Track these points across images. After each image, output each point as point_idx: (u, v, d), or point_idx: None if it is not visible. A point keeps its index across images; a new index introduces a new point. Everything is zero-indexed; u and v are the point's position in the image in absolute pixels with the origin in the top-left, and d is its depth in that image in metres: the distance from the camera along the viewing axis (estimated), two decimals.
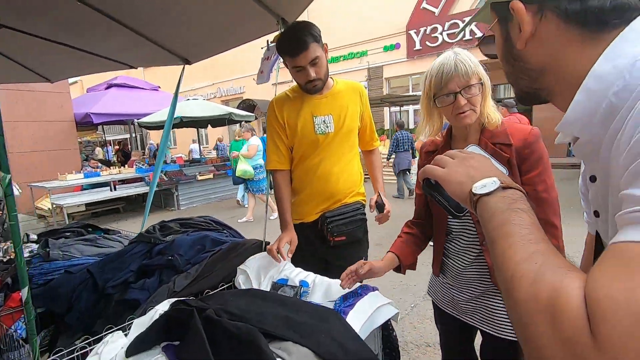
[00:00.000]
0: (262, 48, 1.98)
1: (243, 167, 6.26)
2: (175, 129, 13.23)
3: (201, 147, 13.45)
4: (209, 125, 10.33)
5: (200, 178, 8.37)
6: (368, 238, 1.78)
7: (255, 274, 1.44)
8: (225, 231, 1.84)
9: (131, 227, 5.05)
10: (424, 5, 12.46)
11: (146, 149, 12.14)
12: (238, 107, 13.26)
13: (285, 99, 1.67)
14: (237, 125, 16.95)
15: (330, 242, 1.62)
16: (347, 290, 1.24)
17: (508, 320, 1.18)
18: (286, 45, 1.47)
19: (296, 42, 1.44)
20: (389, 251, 1.33)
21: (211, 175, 8.58)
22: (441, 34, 12.15)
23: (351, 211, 1.65)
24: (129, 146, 12.93)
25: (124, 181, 8.02)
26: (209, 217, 1.90)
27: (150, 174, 7.80)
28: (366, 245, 1.77)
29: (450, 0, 12.02)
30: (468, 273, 1.24)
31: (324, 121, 1.60)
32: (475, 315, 1.25)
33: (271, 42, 1.85)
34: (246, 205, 6.99)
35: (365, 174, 1.80)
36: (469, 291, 1.25)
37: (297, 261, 1.63)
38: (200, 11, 1.80)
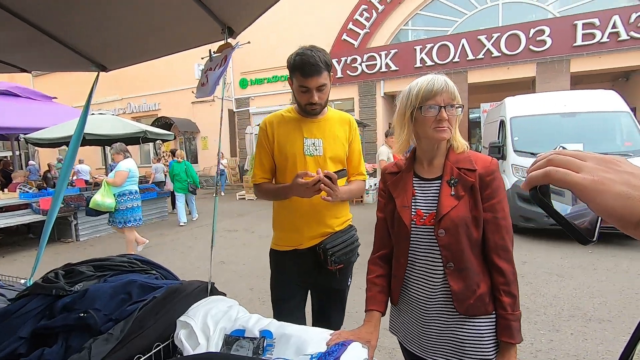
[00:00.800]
0: (202, 58, 1.75)
1: (98, 199, 4.78)
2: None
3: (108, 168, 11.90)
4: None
5: None
6: None
7: (202, 326, 1.17)
8: (154, 272, 1.50)
9: (13, 270, 4.09)
10: (345, 37, 13.29)
11: (25, 169, 10.35)
12: (153, 125, 12.20)
13: (279, 118, 1.69)
14: (151, 144, 15.62)
15: (328, 270, 1.62)
16: (324, 343, 1.05)
17: (478, 350, 1.14)
18: (301, 64, 1.49)
19: (311, 65, 1.47)
20: (372, 309, 1.24)
21: None
22: (360, 64, 13.02)
23: (349, 238, 1.67)
24: (12, 166, 10.81)
25: (2, 208, 6.55)
26: (133, 256, 1.53)
27: (41, 200, 6.53)
28: (353, 264, 1.79)
29: (367, 35, 13.03)
30: (433, 303, 1.18)
31: (313, 143, 1.63)
32: (445, 352, 1.18)
33: (214, 52, 1.64)
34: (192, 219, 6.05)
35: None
36: (436, 325, 1.19)
37: (280, 288, 1.70)
38: (126, 6, 1.51)
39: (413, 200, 1.20)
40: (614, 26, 9.90)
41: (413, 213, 1.19)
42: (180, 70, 15.19)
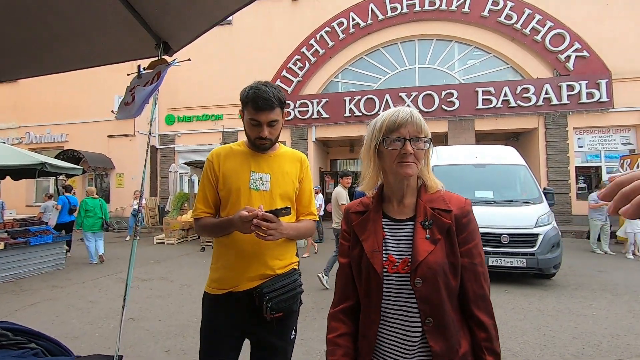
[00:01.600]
0: (128, 74, 1.49)
1: None
2: None
3: None
4: (9, 177, 7.75)
5: None
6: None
7: None
8: (33, 344, 1.09)
9: None
10: (278, 83, 13.66)
11: None
12: (57, 158, 10.69)
13: (227, 150, 1.62)
14: (52, 179, 13.56)
15: (265, 318, 1.45)
16: None
17: None
18: (254, 97, 1.45)
19: (264, 100, 1.43)
20: None
21: (1, 245, 6.17)
22: (293, 110, 13.38)
23: (290, 283, 1.53)
24: None
25: None
26: (2, 323, 1.10)
27: None
28: (297, 314, 1.62)
29: (300, 83, 13.60)
30: None
31: (260, 178, 1.56)
32: None
33: (144, 69, 1.41)
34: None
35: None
36: None
37: (212, 337, 1.53)
38: (33, 6, 1.22)
39: (384, 244, 1.05)
40: (505, 95, 11.82)
41: (384, 259, 1.04)
42: (97, 100, 13.91)
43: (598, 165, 11.81)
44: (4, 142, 8.15)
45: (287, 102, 13.36)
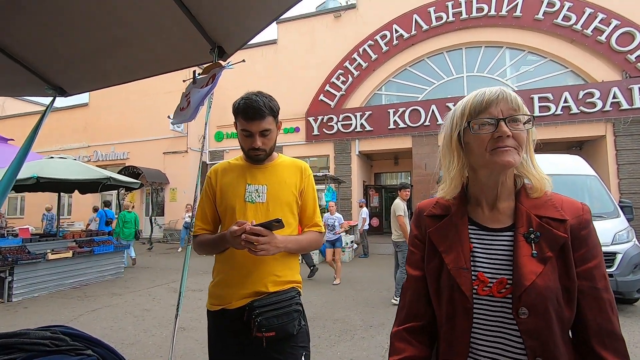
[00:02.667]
0: (183, 81, 1.51)
1: None
2: (25, 192, 10.71)
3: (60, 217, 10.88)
4: (77, 190, 8.48)
5: (52, 257, 6.41)
6: (308, 329, 1.47)
7: None
8: (89, 351, 1.07)
9: None
10: (321, 97, 13.83)
11: None
12: (119, 174, 11.58)
13: (225, 166, 1.60)
14: (114, 193, 14.70)
15: (257, 338, 1.33)
16: None
17: None
18: (244, 107, 1.42)
19: (254, 109, 1.40)
20: None
21: (69, 254, 6.69)
22: (336, 123, 13.41)
23: (285, 300, 1.41)
24: None
25: None
26: (61, 327, 1.10)
27: None
28: (304, 338, 1.45)
29: (343, 97, 13.64)
30: None
31: (256, 190, 1.50)
32: None
33: (199, 74, 1.41)
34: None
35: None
36: None
37: (214, 355, 1.46)
38: (94, 17, 1.27)
39: (472, 259, 0.85)
40: (565, 101, 10.93)
41: (474, 278, 0.83)
42: (153, 121, 15.02)
43: None
44: (75, 160, 8.96)
45: (330, 116, 13.49)
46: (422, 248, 0.96)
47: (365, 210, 10.27)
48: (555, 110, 11.00)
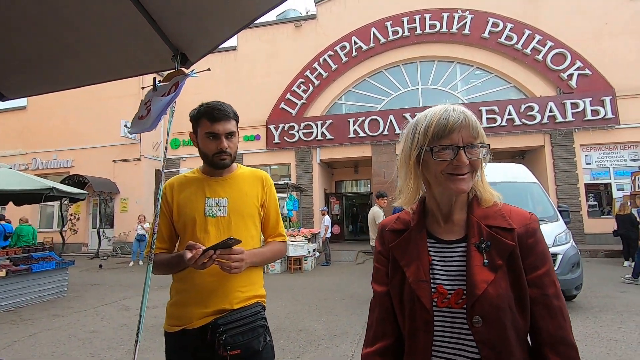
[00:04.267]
0: (142, 88, 1.42)
1: None
2: None
3: None
4: (11, 202, 7.70)
5: None
6: (272, 343, 1.44)
7: None
8: None
9: None
10: (282, 106, 13.82)
11: None
12: (62, 183, 10.70)
13: (181, 179, 1.53)
14: (57, 204, 13.52)
15: (222, 357, 1.28)
16: None
17: None
18: (209, 109, 1.39)
19: (220, 110, 1.39)
20: None
21: (3, 273, 6.01)
22: (297, 131, 13.44)
23: (250, 316, 1.37)
24: None
25: None
26: None
27: None
28: (269, 354, 1.41)
29: (304, 105, 13.73)
30: None
31: (217, 203, 1.45)
32: None
33: (159, 82, 1.34)
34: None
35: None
36: None
37: None
38: (40, 18, 1.16)
39: (431, 272, 0.87)
40: (509, 113, 11.83)
41: (433, 290, 0.85)
42: (103, 126, 14.10)
43: (608, 182, 11.63)
44: (10, 168, 8.15)
45: (292, 124, 13.49)
46: (386, 264, 0.97)
47: (327, 218, 10.33)
48: (501, 122, 11.86)
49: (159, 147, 14.61)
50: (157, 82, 1.35)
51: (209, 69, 1.22)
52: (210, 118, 1.39)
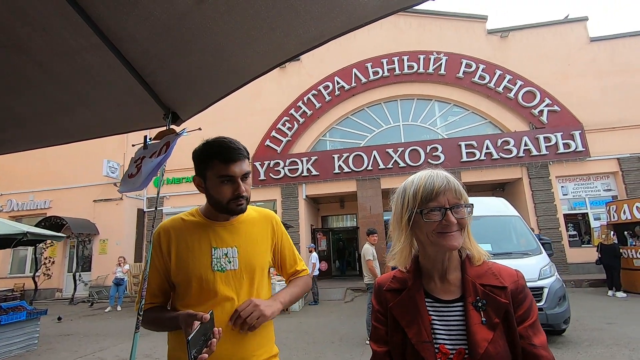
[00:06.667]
0: (133, 145, 1.44)
1: None
2: None
3: None
4: None
5: None
6: None
7: None
8: None
9: None
10: (268, 143, 14.00)
11: None
12: (37, 226, 10.32)
13: (178, 224, 1.28)
14: (31, 248, 12.92)
15: None
16: None
17: None
18: (221, 149, 1.20)
19: (234, 150, 1.20)
20: None
21: None
22: (283, 168, 13.53)
23: None
24: None
25: None
26: None
27: None
28: None
29: (289, 142, 13.95)
30: None
31: (225, 254, 1.23)
32: None
33: (151, 139, 1.36)
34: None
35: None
36: None
37: None
38: (27, 73, 1.19)
39: (432, 332, 0.90)
40: (487, 147, 12.31)
41: (436, 351, 0.87)
42: (83, 165, 13.84)
43: (585, 212, 12.01)
44: None
45: (277, 160, 13.61)
46: (385, 323, 0.98)
47: (314, 255, 10.19)
48: (480, 156, 12.30)
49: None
50: (147, 139, 1.37)
51: (200, 129, 1.26)
52: (225, 159, 1.19)
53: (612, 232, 8.95)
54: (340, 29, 1.03)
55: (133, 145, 1.43)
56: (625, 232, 8.84)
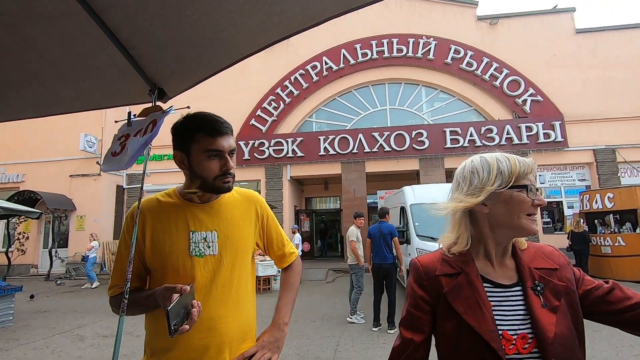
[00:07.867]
0: (115, 122, 1.36)
1: None
2: None
3: None
4: None
5: None
6: None
7: None
8: None
9: None
10: (253, 122, 13.75)
11: None
12: (10, 200, 9.93)
13: (154, 205, 1.20)
14: (2, 223, 12.47)
15: None
16: None
17: None
18: (207, 121, 1.13)
19: (221, 122, 1.14)
20: None
21: None
22: (268, 148, 13.38)
23: None
24: None
25: None
26: None
27: None
28: None
29: (275, 122, 13.74)
30: None
31: (204, 238, 1.15)
32: None
33: (135, 115, 1.29)
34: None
35: None
36: None
37: None
38: (5, 47, 1.10)
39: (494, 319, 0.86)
40: (471, 135, 12.49)
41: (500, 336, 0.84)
42: (59, 138, 13.28)
43: (559, 200, 12.48)
44: None
45: (262, 140, 13.42)
46: (428, 311, 0.93)
47: (298, 236, 10.25)
48: (463, 143, 12.48)
49: None
50: (132, 116, 1.29)
51: (188, 107, 1.19)
52: (211, 132, 1.11)
53: (582, 220, 9.35)
54: (341, 8, 0.98)
55: (116, 122, 1.35)
56: (596, 221, 9.25)
